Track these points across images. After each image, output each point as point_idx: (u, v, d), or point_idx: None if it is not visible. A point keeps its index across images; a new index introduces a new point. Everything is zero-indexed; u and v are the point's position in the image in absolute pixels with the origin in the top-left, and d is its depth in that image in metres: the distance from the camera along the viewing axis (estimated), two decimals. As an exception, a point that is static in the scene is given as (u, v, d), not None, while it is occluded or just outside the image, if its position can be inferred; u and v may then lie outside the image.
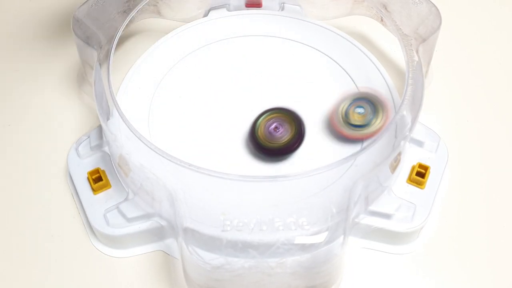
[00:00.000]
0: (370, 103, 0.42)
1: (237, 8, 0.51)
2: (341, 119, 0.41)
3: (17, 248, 0.41)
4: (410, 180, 0.41)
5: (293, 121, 0.42)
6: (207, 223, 0.37)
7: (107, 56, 0.43)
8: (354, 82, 0.46)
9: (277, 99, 0.46)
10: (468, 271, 0.40)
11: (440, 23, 0.44)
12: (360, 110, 0.41)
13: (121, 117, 0.39)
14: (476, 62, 0.51)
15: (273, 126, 0.41)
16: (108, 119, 0.41)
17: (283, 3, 0.51)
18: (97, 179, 0.41)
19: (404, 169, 0.42)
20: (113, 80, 0.41)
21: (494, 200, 0.43)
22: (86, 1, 0.45)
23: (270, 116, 0.42)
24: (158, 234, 0.40)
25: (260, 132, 0.42)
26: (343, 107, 0.42)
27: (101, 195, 0.41)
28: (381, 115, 0.41)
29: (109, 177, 0.41)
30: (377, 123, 0.41)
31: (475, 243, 0.41)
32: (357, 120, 0.41)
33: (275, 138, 0.41)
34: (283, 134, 0.41)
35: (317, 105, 0.45)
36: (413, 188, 0.41)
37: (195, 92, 0.46)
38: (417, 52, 0.43)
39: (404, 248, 0.41)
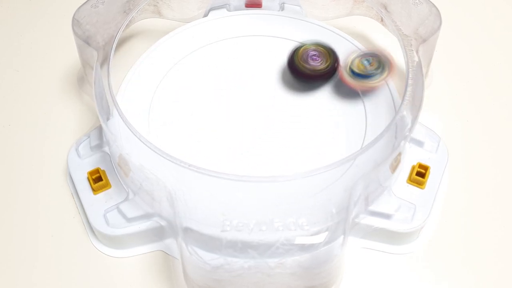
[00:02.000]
0: (378, 59, 0.44)
1: (237, 8, 0.51)
2: (347, 66, 0.44)
3: (17, 248, 0.41)
4: (410, 180, 0.41)
5: (329, 55, 0.45)
6: (206, 223, 0.37)
7: (107, 56, 0.42)
8: (354, 82, 0.46)
9: (277, 98, 0.46)
10: (468, 271, 0.40)
11: (440, 24, 0.44)
12: (366, 62, 0.44)
13: (121, 117, 0.39)
14: (476, 62, 0.51)
15: (312, 54, 0.45)
16: (108, 119, 0.41)
17: (283, 3, 0.51)
18: (97, 179, 0.41)
19: (404, 169, 0.42)
20: (113, 80, 0.41)
21: (494, 200, 0.43)
22: (86, 1, 0.45)
23: (309, 47, 0.45)
24: (158, 234, 0.40)
25: (299, 57, 0.45)
26: (353, 57, 0.44)
27: (101, 195, 0.41)
28: (385, 72, 0.43)
29: (109, 177, 0.41)
30: (377, 78, 0.43)
31: (475, 243, 0.41)
32: (360, 70, 0.44)
33: (311, 65, 0.45)
34: (319, 64, 0.45)
35: (317, 105, 0.45)
36: (413, 188, 0.41)
37: (195, 92, 0.46)
38: (417, 52, 0.43)
39: (404, 248, 0.41)
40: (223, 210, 0.37)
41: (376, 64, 0.44)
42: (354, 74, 0.44)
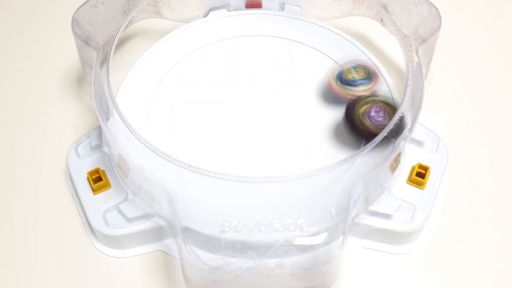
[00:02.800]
0: (365, 68, 0.45)
1: (237, 8, 0.51)
2: (334, 74, 0.45)
3: (17, 248, 0.41)
4: (410, 180, 0.41)
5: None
6: (206, 223, 0.37)
7: (106, 57, 0.42)
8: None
9: (277, 99, 0.46)
10: (468, 271, 0.40)
11: (440, 24, 0.43)
12: (353, 70, 0.45)
13: (121, 118, 0.39)
14: (476, 62, 0.51)
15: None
16: (107, 119, 0.41)
17: (283, 3, 0.51)
18: (97, 179, 0.41)
19: (404, 170, 0.42)
20: (113, 80, 0.41)
21: (494, 200, 0.43)
22: (86, 2, 0.45)
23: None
24: (157, 234, 0.40)
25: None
26: (341, 65, 0.46)
27: (101, 195, 0.41)
28: (372, 82, 0.45)
29: (109, 177, 0.41)
30: (363, 87, 0.44)
31: (475, 244, 0.41)
32: (348, 78, 0.45)
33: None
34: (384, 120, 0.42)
35: (316, 105, 0.45)
36: (413, 189, 0.41)
37: (195, 92, 0.46)
38: (417, 53, 0.43)
39: (404, 248, 0.41)
40: (222, 211, 0.37)
41: (362, 72, 0.45)
42: (342, 81, 0.45)
